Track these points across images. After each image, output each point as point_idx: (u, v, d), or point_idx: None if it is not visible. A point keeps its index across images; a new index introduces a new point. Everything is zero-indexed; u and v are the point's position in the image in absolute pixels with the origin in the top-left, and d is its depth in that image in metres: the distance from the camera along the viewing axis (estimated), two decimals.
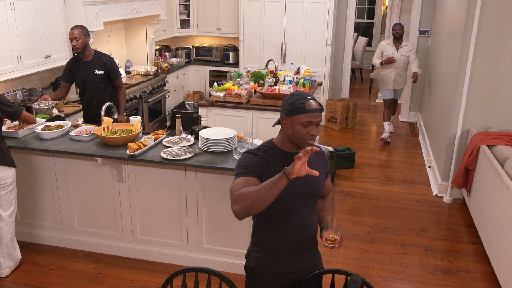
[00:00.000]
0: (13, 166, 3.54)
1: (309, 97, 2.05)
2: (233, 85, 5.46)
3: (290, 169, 1.83)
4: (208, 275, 2.26)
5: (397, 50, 6.65)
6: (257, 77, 5.67)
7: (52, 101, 4.43)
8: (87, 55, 4.51)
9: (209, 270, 2.25)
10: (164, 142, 3.73)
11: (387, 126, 7.01)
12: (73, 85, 5.43)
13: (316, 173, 1.88)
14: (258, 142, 3.75)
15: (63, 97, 4.79)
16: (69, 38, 4.43)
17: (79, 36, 4.36)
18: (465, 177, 4.56)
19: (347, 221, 4.60)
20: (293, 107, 2.02)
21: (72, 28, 4.39)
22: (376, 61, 6.84)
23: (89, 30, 5.15)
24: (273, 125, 2.32)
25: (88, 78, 4.53)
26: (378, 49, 6.85)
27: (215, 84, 5.51)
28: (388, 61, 6.61)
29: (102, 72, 4.56)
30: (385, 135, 6.94)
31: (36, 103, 4.35)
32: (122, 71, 6.04)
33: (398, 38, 6.60)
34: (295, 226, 2.17)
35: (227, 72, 6.46)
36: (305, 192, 2.15)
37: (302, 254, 2.24)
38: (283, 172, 1.85)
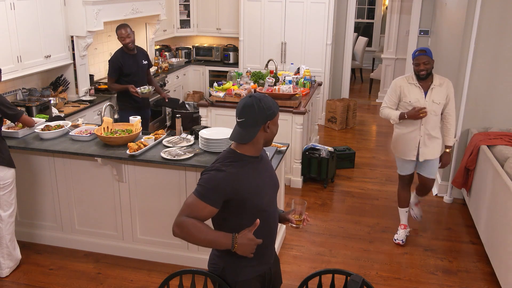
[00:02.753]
0: (13, 166, 3.53)
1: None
2: (233, 85, 5.46)
3: (241, 241, 1.95)
4: (205, 278, 2.21)
5: (425, 93, 3.84)
6: (257, 77, 5.67)
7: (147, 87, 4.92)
8: (133, 48, 4.90)
9: (206, 273, 2.20)
10: (164, 142, 3.73)
11: (404, 215, 4.28)
12: (73, 85, 5.45)
13: (259, 241, 2.00)
14: None
15: None
16: (121, 37, 4.71)
17: (130, 33, 4.75)
18: (465, 177, 4.56)
19: (347, 221, 4.60)
20: (272, 109, 2.04)
21: (120, 28, 4.69)
22: (391, 113, 3.93)
23: (89, 30, 5.19)
24: (247, 141, 2.04)
25: (139, 70, 4.90)
26: (391, 91, 3.94)
27: (215, 84, 5.51)
28: (417, 116, 3.77)
29: (146, 62, 5.06)
30: (397, 236, 4.24)
31: (138, 89, 4.78)
32: None
33: (425, 78, 3.80)
34: (273, 223, 2.19)
35: (227, 72, 6.46)
36: (275, 189, 2.22)
37: (273, 247, 2.27)
38: (232, 238, 1.96)
